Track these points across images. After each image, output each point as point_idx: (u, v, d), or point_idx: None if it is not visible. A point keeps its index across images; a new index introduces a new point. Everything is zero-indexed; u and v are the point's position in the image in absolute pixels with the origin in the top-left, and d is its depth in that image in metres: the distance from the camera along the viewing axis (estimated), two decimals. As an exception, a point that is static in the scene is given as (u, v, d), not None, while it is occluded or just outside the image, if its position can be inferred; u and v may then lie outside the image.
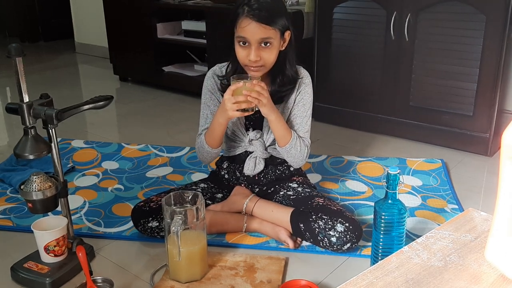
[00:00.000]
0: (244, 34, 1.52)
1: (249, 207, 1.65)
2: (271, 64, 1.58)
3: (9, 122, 2.92)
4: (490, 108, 2.22)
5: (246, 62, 1.55)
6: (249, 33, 1.51)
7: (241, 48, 1.55)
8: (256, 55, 1.53)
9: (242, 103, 1.47)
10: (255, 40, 1.51)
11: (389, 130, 2.57)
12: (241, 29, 1.52)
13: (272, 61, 1.57)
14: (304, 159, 1.67)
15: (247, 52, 1.54)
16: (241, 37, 1.53)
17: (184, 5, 3.28)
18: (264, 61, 1.55)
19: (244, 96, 1.46)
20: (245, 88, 1.46)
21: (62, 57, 4.89)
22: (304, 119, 1.68)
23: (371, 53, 2.49)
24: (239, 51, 1.56)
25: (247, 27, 1.50)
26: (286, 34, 1.59)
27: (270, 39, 1.53)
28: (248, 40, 1.52)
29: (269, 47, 1.54)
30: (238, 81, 1.48)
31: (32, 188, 1.37)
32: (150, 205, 1.63)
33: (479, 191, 1.98)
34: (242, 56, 1.56)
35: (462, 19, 2.19)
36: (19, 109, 1.36)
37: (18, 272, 1.43)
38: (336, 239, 1.49)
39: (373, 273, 0.81)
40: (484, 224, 0.95)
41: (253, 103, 1.47)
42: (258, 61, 1.54)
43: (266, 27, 1.50)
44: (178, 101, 3.34)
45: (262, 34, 1.51)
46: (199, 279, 1.42)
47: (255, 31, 1.50)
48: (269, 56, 1.55)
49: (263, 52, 1.54)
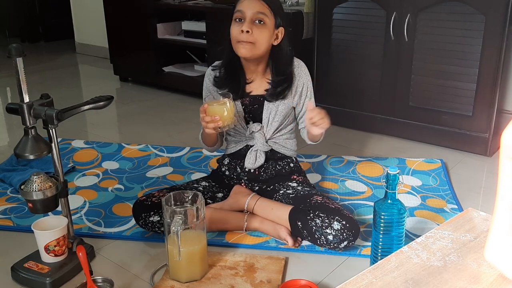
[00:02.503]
0: (241, 7, 1.61)
1: (250, 206, 1.66)
2: (260, 46, 1.63)
3: (9, 122, 2.92)
4: (490, 108, 2.22)
5: (238, 37, 1.61)
6: (246, 5, 1.60)
7: (236, 24, 1.63)
8: (249, 26, 1.59)
9: (209, 123, 1.53)
10: (250, 12, 1.60)
11: (388, 130, 2.57)
12: (240, 3, 1.62)
13: (262, 42, 1.62)
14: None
15: (240, 27, 1.60)
16: (238, 11, 1.61)
17: (184, 6, 3.28)
18: (254, 38, 1.60)
19: (211, 117, 1.52)
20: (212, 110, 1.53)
21: (62, 57, 4.89)
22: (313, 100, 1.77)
23: (370, 53, 2.50)
24: (234, 28, 1.63)
25: (246, 1, 1.61)
26: (280, 30, 1.66)
27: (264, 16, 1.60)
28: (244, 13, 1.60)
29: (262, 26, 1.61)
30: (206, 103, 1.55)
31: (33, 188, 1.38)
32: (152, 200, 1.64)
33: (479, 191, 1.99)
34: (236, 31, 1.62)
35: (462, 19, 2.19)
36: (20, 109, 1.36)
37: (18, 272, 1.43)
38: (333, 237, 1.49)
39: (372, 273, 0.81)
40: (484, 224, 0.95)
41: (220, 124, 1.53)
42: (250, 35, 1.59)
43: (262, 3, 1.60)
44: (178, 101, 3.35)
45: (258, 8, 1.60)
46: (199, 279, 1.42)
47: (251, 5, 1.60)
48: (260, 34, 1.61)
49: (256, 28, 1.60)
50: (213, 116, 1.52)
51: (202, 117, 1.54)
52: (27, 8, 5.53)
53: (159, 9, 3.43)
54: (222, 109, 1.53)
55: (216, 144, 1.78)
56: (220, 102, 1.54)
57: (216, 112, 1.52)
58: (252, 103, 1.72)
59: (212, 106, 1.53)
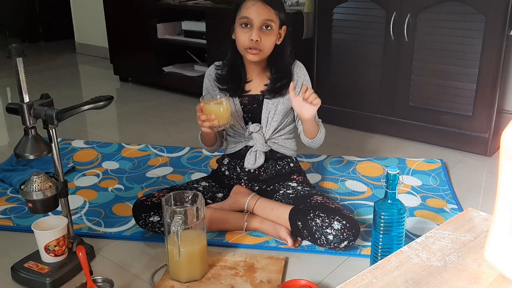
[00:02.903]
0: (248, 14, 1.58)
1: (250, 206, 1.66)
2: (268, 51, 1.64)
3: (9, 122, 2.92)
4: (490, 108, 2.22)
5: (247, 44, 1.60)
6: (254, 13, 1.57)
7: (243, 30, 1.60)
8: (258, 35, 1.58)
9: (205, 122, 1.53)
10: (258, 20, 1.58)
11: (388, 130, 2.57)
12: (246, 10, 1.58)
13: (269, 47, 1.63)
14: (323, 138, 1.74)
15: (248, 34, 1.59)
16: (245, 18, 1.59)
17: (184, 6, 3.28)
18: (262, 45, 1.60)
19: (206, 116, 1.52)
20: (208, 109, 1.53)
21: (62, 57, 4.89)
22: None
23: (370, 53, 2.50)
24: (241, 34, 1.61)
25: (252, 7, 1.58)
26: (283, 29, 1.66)
27: (271, 22, 1.59)
28: (251, 20, 1.58)
29: (270, 31, 1.60)
30: (202, 101, 1.54)
31: (33, 188, 1.38)
32: (152, 200, 1.64)
33: (479, 191, 1.99)
34: (243, 38, 1.60)
35: (462, 19, 2.19)
36: (20, 109, 1.36)
37: (18, 272, 1.43)
38: (333, 237, 1.49)
39: (372, 273, 0.81)
40: (484, 224, 0.95)
41: (216, 123, 1.52)
42: (258, 43, 1.59)
43: (270, 9, 1.58)
44: (178, 101, 3.35)
45: (266, 15, 1.58)
46: (199, 279, 1.42)
47: (259, 11, 1.57)
48: (268, 41, 1.61)
49: (264, 35, 1.59)
50: (208, 115, 1.51)
51: (198, 115, 1.54)
52: (27, 8, 5.53)
53: (159, 9, 3.43)
54: (218, 108, 1.53)
55: (216, 144, 1.78)
56: (217, 101, 1.54)
57: (212, 111, 1.52)
58: (251, 103, 1.72)
59: (208, 105, 1.53)
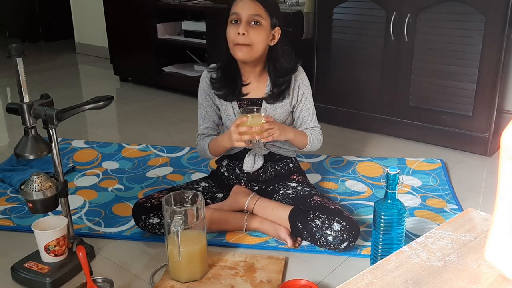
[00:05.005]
0: (236, 9, 1.59)
1: (250, 206, 1.66)
2: (258, 48, 1.61)
3: (9, 122, 2.92)
4: (490, 108, 2.22)
5: (235, 39, 1.59)
6: (241, 7, 1.59)
7: (232, 26, 1.61)
8: (245, 28, 1.58)
9: (245, 135, 1.53)
10: (246, 14, 1.58)
11: (388, 130, 2.57)
12: (235, 6, 1.60)
13: (258, 44, 1.61)
14: (320, 143, 1.77)
15: (237, 29, 1.59)
16: (234, 14, 1.60)
17: (184, 6, 3.28)
18: (251, 40, 1.59)
19: (247, 129, 1.52)
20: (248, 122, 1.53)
21: (62, 57, 4.89)
22: (311, 110, 1.76)
23: (370, 53, 2.50)
24: (230, 30, 1.62)
25: (241, 3, 1.60)
26: (276, 30, 1.65)
27: (260, 18, 1.59)
28: (239, 15, 1.59)
29: (259, 27, 1.60)
30: (244, 115, 1.54)
31: (33, 188, 1.38)
32: (151, 202, 1.64)
33: (479, 191, 1.99)
34: (232, 34, 1.60)
35: (462, 19, 2.19)
36: (20, 109, 1.36)
37: (18, 272, 1.43)
38: (333, 238, 1.49)
39: (372, 272, 0.81)
40: (484, 224, 0.95)
41: (257, 137, 1.53)
42: (246, 37, 1.58)
43: (258, 4, 1.59)
44: (178, 101, 3.35)
45: (254, 10, 1.58)
46: (199, 279, 1.42)
47: (247, 6, 1.58)
48: (257, 36, 1.59)
49: (252, 30, 1.59)
50: (249, 128, 1.52)
51: (234, 130, 1.53)
52: (27, 8, 5.53)
53: (159, 9, 3.43)
54: (259, 121, 1.53)
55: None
56: (257, 115, 1.54)
57: (252, 124, 1.52)
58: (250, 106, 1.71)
59: (253, 118, 1.53)
